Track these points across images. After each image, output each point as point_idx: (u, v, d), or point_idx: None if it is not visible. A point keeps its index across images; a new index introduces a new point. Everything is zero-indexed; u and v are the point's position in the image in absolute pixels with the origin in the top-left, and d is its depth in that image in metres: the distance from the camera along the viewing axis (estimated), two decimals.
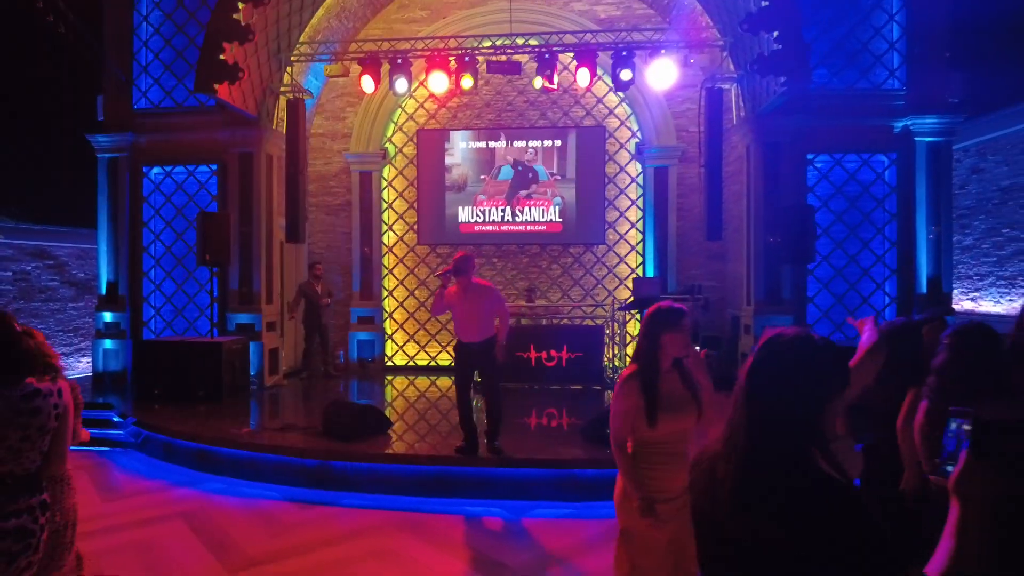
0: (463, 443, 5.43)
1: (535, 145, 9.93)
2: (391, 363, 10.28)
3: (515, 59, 8.67)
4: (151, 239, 8.72)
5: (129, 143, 8.56)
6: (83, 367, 10.76)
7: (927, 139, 7.92)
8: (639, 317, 9.52)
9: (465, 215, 10.06)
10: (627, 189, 10.03)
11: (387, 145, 10.30)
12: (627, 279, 9.91)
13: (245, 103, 8.04)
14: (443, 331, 10.11)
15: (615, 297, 9.83)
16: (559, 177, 9.91)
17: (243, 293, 8.48)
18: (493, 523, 4.76)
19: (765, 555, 1.19)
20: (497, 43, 8.78)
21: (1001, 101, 9.28)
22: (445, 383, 8.88)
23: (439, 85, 8.16)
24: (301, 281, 9.54)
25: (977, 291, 10.03)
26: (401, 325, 10.38)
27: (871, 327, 1.96)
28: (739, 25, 7.36)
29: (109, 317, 8.60)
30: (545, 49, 8.09)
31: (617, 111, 9.95)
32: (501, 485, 5.19)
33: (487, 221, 10.02)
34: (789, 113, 7.80)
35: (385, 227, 10.39)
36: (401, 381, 9.30)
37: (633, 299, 8.17)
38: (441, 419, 6.85)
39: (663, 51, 7.87)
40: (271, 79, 8.61)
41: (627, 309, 8.25)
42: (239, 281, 8.48)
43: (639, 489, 2.46)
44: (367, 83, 8.34)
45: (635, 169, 10.00)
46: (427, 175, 10.12)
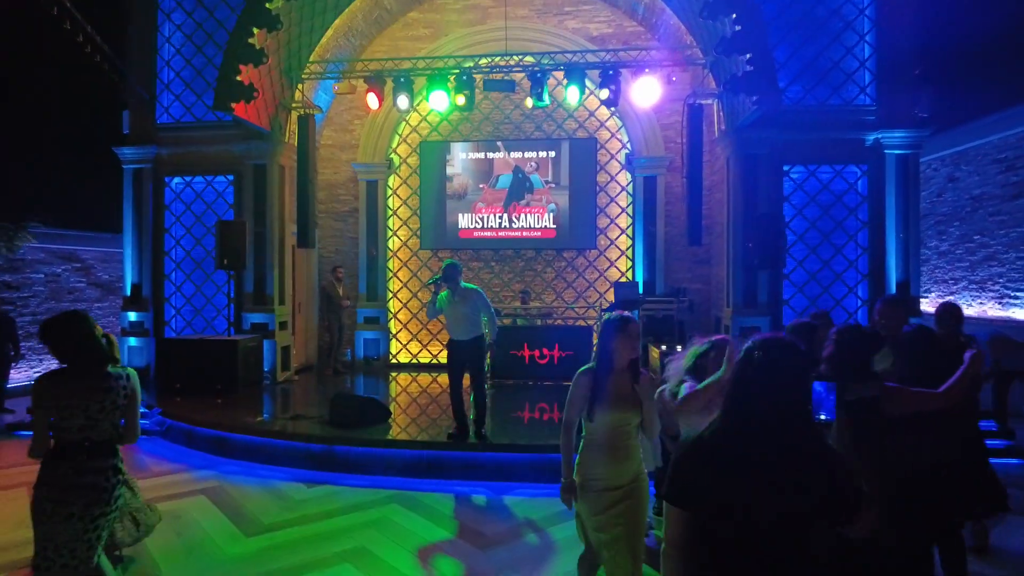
0: (455, 430, 6.05)
1: (531, 155, 10.52)
2: (395, 361, 10.91)
3: (510, 77, 9.25)
4: (172, 244, 9.39)
5: (152, 155, 9.23)
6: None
7: (896, 151, 8.44)
8: None
9: (465, 221, 10.67)
10: (617, 197, 10.61)
11: (392, 156, 10.94)
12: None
13: (259, 119, 8.69)
14: (444, 331, 10.68)
15: (606, 299, 10.39)
16: (553, 185, 10.50)
17: (257, 295, 9.13)
18: (478, 500, 5.35)
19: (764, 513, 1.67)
20: (494, 62, 9.39)
21: (970, 114, 9.76)
22: (446, 380, 9.44)
23: (439, 103, 8.77)
24: (324, 283, 10.19)
25: (952, 294, 10.50)
26: (405, 325, 11.00)
27: None
28: (714, 48, 7.92)
29: (133, 316, 9.28)
30: (537, 69, 8.68)
31: (608, 123, 10.53)
32: (486, 468, 5.79)
33: (485, 227, 10.63)
34: (766, 127, 8.34)
35: (390, 232, 11.02)
36: (404, 378, 9.91)
37: (614, 302, 8.72)
38: (439, 411, 7.45)
39: (647, 70, 8.42)
40: (283, 96, 9.26)
41: (608, 311, 8.78)
42: (254, 283, 9.13)
43: (567, 471, 2.89)
44: (372, 100, 8.96)
45: (625, 178, 10.58)
46: (429, 184, 10.74)
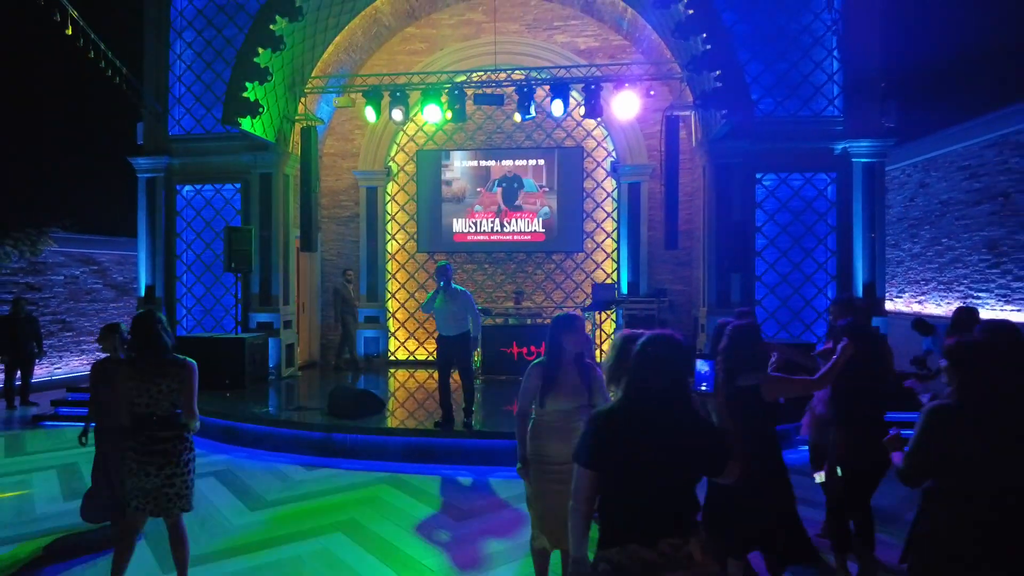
0: (441, 419, 6.63)
1: (522, 163, 11.10)
2: (393, 358, 11.50)
3: (499, 91, 9.82)
4: (183, 248, 10.00)
5: (165, 165, 9.85)
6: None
7: (863, 160, 8.97)
8: (613, 317, 10.69)
9: (459, 226, 11.26)
10: (603, 203, 11.17)
11: (390, 164, 11.53)
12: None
13: (265, 131, 9.29)
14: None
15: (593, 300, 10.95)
16: (547, 189, 11.06)
17: (263, 295, 9.74)
18: (462, 481, 5.93)
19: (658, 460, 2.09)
20: (485, 76, 9.97)
21: (938, 124, 10.27)
22: None
23: (433, 115, 9.35)
24: (337, 284, 10.79)
25: (923, 294, 11.01)
26: (403, 324, 11.60)
27: None
28: (685, 66, 8.48)
29: None
30: (524, 84, 9.25)
31: (595, 133, 11.09)
32: (470, 453, 6.37)
33: (479, 231, 11.21)
34: (739, 138, 8.88)
35: (388, 236, 11.61)
36: (402, 374, 10.50)
37: (592, 302, 9.29)
38: (432, 403, 8.03)
39: (627, 84, 8.97)
40: (287, 109, 9.86)
41: (587, 311, 9.38)
42: (260, 285, 9.73)
43: (523, 452, 3.30)
44: (370, 113, 9.55)
45: (611, 185, 11.14)
46: (425, 190, 11.33)
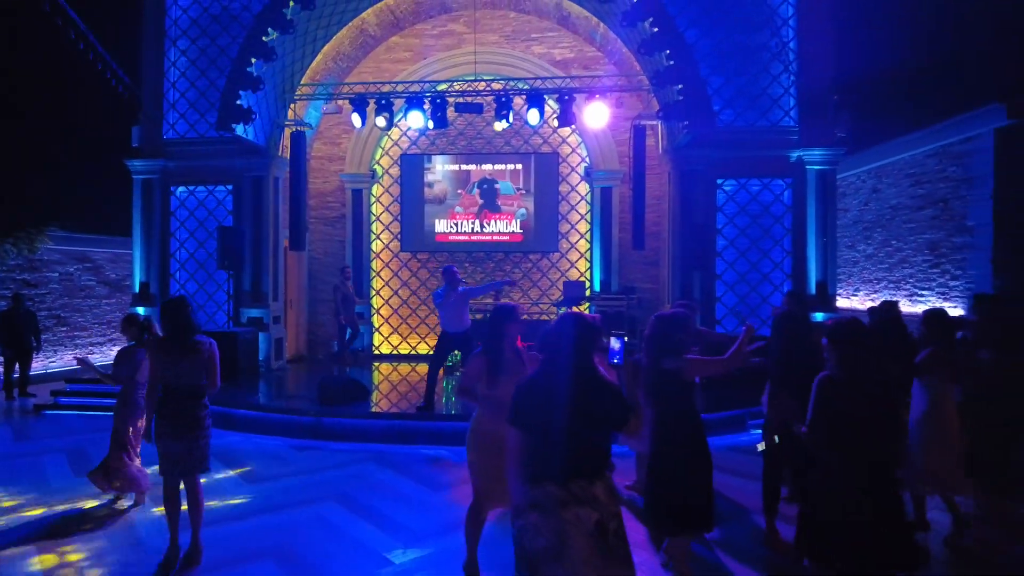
0: (422, 404, 7.22)
1: (500, 168, 11.71)
2: (377, 352, 12.07)
3: (479, 100, 10.42)
4: (177, 246, 10.49)
5: (159, 167, 10.33)
6: (115, 355, 12.55)
7: (816, 167, 9.67)
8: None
9: (441, 227, 11.85)
10: (577, 205, 11.83)
11: (375, 167, 12.10)
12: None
13: (257, 137, 9.83)
14: (422, 325, 11.91)
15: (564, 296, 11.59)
16: (524, 192, 11.69)
17: (254, 292, 10.26)
18: (441, 460, 6.53)
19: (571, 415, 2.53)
20: (466, 86, 10.57)
21: (887, 134, 11.03)
22: (423, 369, 10.64)
23: (415, 122, 9.94)
24: (336, 282, 11.31)
25: (876, 293, 11.78)
26: (386, 320, 12.16)
27: None
28: (651, 80, 9.14)
29: (142, 311, 10.32)
30: (502, 94, 9.86)
31: (569, 139, 11.74)
32: (448, 435, 6.96)
33: (460, 232, 11.81)
34: (701, 146, 9.56)
35: (373, 236, 12.18)
36: (386, 367, 11.07)
37: (563, 299, 9.93)
38: (413, 392, 8.63)
39: (597, 96, 9.61)
40: (278, 115, 10.40)
41: (557, 306, 10.02)
42: (251, 282, 10.25)
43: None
44: (356, 120, 10.11)
45: (584, 189, 11.80)
46: (409, 192, 11.91)
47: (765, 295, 9.86)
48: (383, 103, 10.03)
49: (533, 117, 9.86)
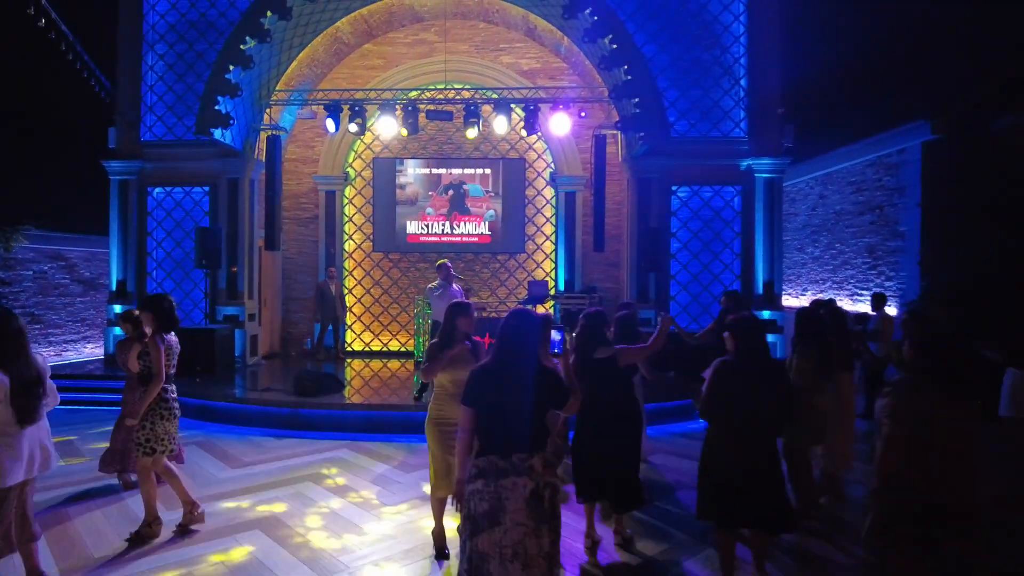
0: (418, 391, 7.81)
1: (470, 172, 12.23)
2: (350, 348, 12.48)
3: (448, 108, 10.92)
4: (154, 246, 10.78)
5: (137, 168, 10.60)
6: (88, 352, 12.76)
7: (764, 175, 10.38)
8: (551, 310, 11.92)
9: (413, 227, 12.32)
10: (543, 209, 12.41)
11: (348, 169, 12.51)
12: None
13: (234, 140, 10.18)
14: (393, 323, 12.37)
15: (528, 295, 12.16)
16: (492, 194, 12.22)
17: (230, 290, 10.61)
18: (412, 448, 7.02)
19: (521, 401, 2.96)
20: (436, 93, 11.05)
21: (831, 145, 11.86)
22: (395, 365, 11.14)
23: (387, 129, 10.40)
24: (320, 281, 11.72)
25: (822, 293, 12.59)
26: (359, 317, 12.58)
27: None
28: (611, 92, 9.75)
29: (119, 308, 10.60)
30: (471, 103, 10.38)
31: (536, 146, 12.31)
32: (418, 425, 7.43)
33: (430, 233, 12.29)
34: (657, 155, 10.21)
35: (346, 236, 12.58)
36: (358, 363, 11.50)
37: (528, 297, 10.50)
38: (384, 387, 9.09)
39: (561, 106, 10.19)
40: (254, 119, 10.75)
41: (523, 304, 10.58)
42: (227, 281, 10.60)
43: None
44: (330, 125, 10.51)
45: (550, 193, 12.38)
46: (381, 194, 12.35)
47: (716, 294, 10.52)
48: (356, 109, 10.46)
49: (500, 125, 10.39)
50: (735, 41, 10.36)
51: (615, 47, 9.51)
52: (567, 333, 4.32)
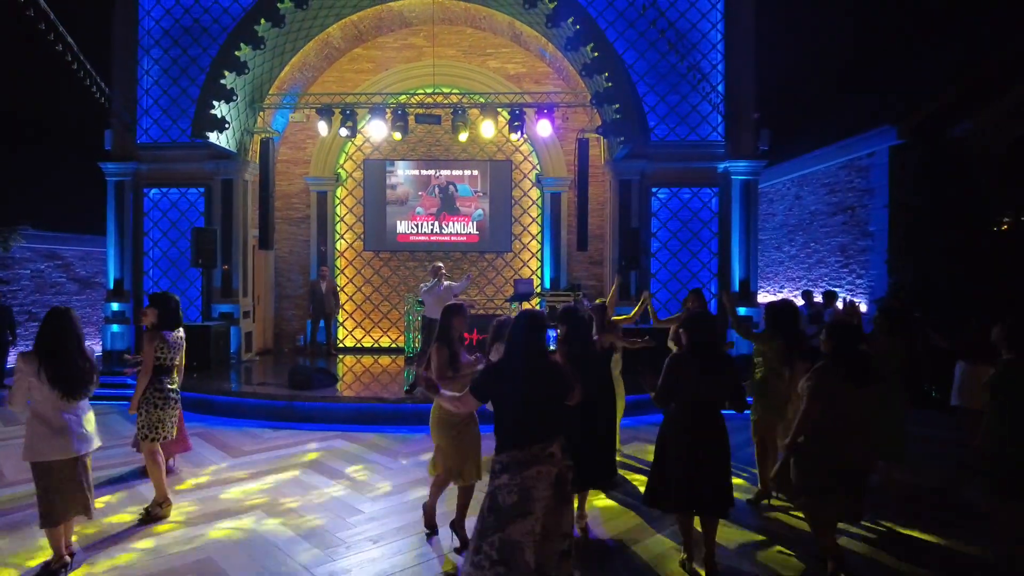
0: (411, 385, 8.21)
1: (458, 173, 12.60)
2: (342, 345, 12.82)
3: (437, 112, 11.28)
4: (150, 245, 11.06)
5: (133, 170, 10.88)
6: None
7: (740, 177, 10.82)
8: (537, 307, 12.31)
9: (403, 227, 12.67)
10: (529, 209, 12.80)
11: (339, 170, 12.84)
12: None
13: (228, 143, 10.49)
14: (384, 320, 12.73)
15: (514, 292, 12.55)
16: (481, 194, 12.59)
17: (225, 289, 10.92)
18: (404, 438, 7.39)
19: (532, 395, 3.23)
20: (425, 97, 11.40)
21: (806, 148, 12.33)
22: (385, 361, 11.49)
23: (376, 132, 10.74)
24: (311, 280, 12.07)
25: (797, 290, 13.08)
26: (350, 315, 12.93)
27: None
28: (593, 98, 10.15)
29: (116, 307, 10.92)
30: (459, 107, 10.74)
31: (522, 148, 12.69)
32: (408, 415, 7.84)
33: (420, 232, 12.65)
34: (637, 158, 10.62)
35: (338, 236, 12.91)
36: (350, 359, 11.85)
37: (513, 294, 10.89)
38: (375, 381, 9.46)
39: (545, 110, 10.58)
40: (248, 123, 11.06)
41: (509, 302, 10.99)
42: (222, 279, 10.91)
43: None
44: (321, 127, 10.85)
45: (536, 194, 12.78)
46: (372, 195, 12.68)
47: None
48: (347, 113, 10.80)
49: (487, 129, 10.77)
50: (712, 48, 10.78)
51: (596, 55, 9.91)
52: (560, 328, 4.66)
